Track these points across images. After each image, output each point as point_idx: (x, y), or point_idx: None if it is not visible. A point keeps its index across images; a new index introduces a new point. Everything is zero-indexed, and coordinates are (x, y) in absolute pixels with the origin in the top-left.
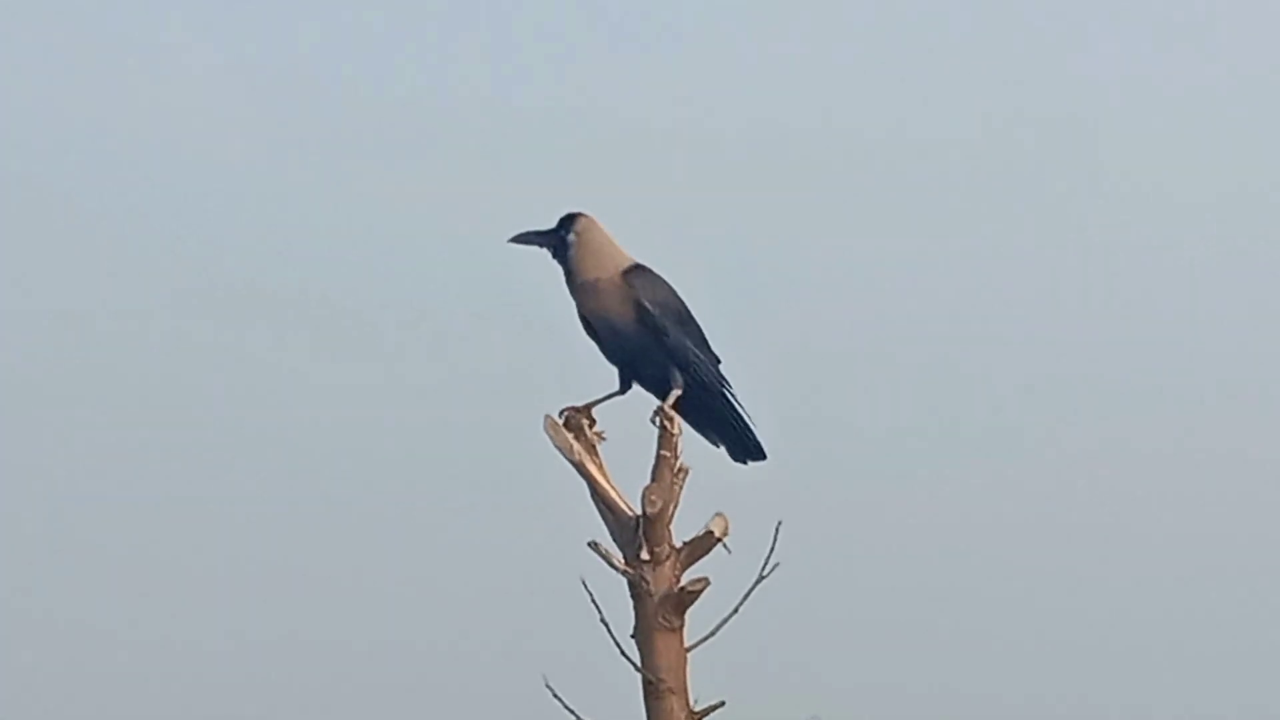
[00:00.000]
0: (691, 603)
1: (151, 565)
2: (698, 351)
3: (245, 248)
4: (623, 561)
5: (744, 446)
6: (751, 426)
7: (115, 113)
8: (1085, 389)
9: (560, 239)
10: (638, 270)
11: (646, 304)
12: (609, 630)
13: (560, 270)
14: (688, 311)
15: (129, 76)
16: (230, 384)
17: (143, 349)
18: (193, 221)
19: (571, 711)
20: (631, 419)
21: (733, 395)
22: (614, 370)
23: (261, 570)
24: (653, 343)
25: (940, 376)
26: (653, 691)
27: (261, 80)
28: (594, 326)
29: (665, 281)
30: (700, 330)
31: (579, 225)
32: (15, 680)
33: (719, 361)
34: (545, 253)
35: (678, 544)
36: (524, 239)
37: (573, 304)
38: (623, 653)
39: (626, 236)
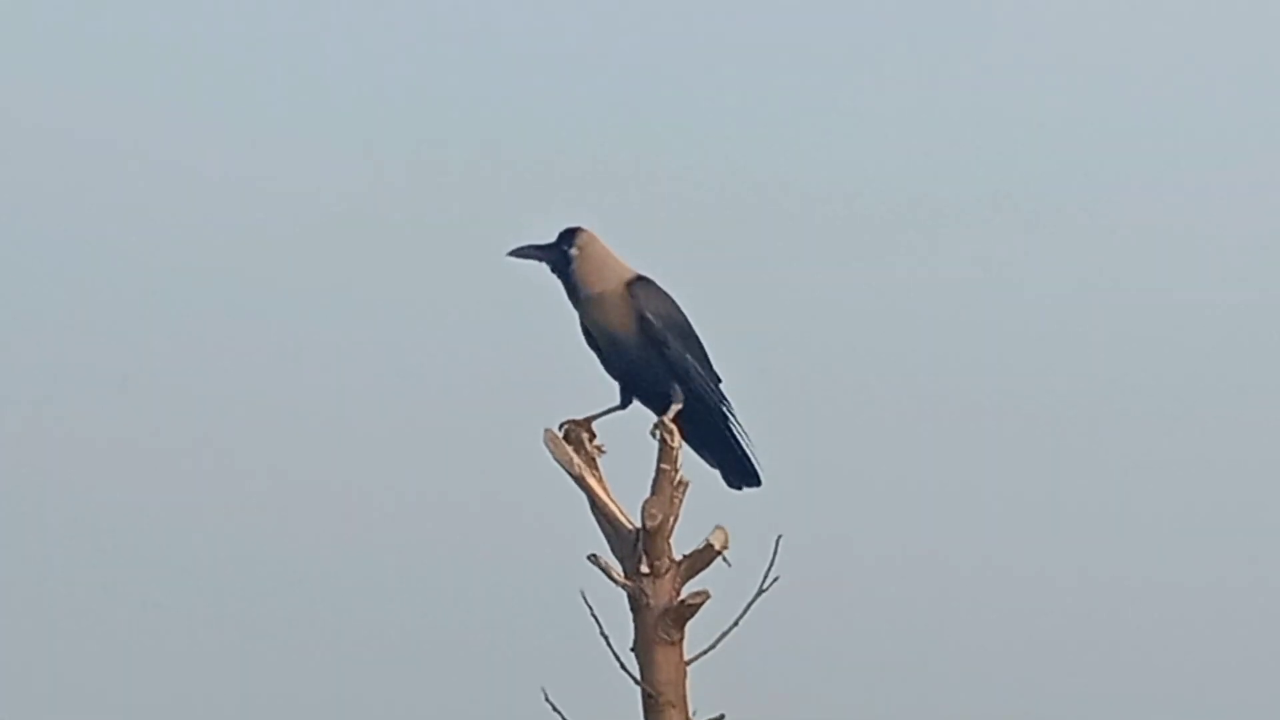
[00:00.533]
0: (691, 616)
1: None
2: (698, 367)
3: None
4: (622, 575)
5: (739, 470)
6: (749, 449)
7: None
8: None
9: (562, 253)
10: (640, 282)
11: (648, 315)
12: (609, 643)
13: (558, 284)
14: (690, 326)
15: None
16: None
17: None
18: None
19: None
20: (632, 433)
21: (731, 414)
22: (615, 384)
23: (263, 578)
24: (653, 355)
25: (943, 392)
26: (652, 705)
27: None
28: (595, 339)
29: (668, 295)
30: (702, 346)
31: (580, 239)
32: None
33: (719, 381)
34: (544, 265)
35: (678, 557)
36: (523, 253)
37: (575, 317)
38: (622, 666)
39: (632, 252)
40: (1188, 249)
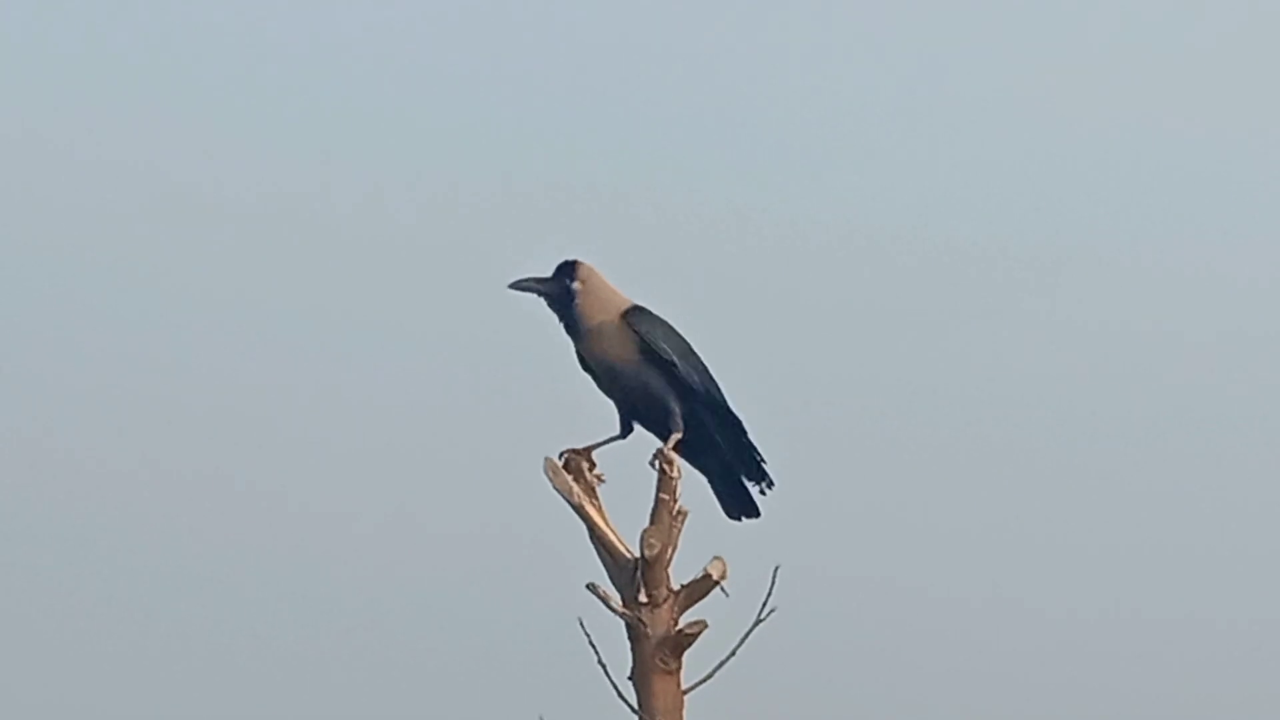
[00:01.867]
0: (689, 645)
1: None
2: (708, 384)
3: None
4: (621, 603)
5: (739, 500)
6: (760, 458)
7: None
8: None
9: (564, 287)
10: (637, 311)
11: (651, 341)
12: (606, 672)
13: (553, 315)
14: (689, 347)
15: None
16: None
17: None
18: None
19: None
20: (631, 462)
21: (743, 429)
22: (614, 413)
23: (261, 603)
24: (655, 382)
25: (945, 417)
26: None
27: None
28: (594, 370)
29: (664, 321)
30: (704, 365)
31: (581, 272)
32: None
33: (724, 397)
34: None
35: (676, 587)
36: (524, 286)
37: (570, 346)
38: (620, 694)
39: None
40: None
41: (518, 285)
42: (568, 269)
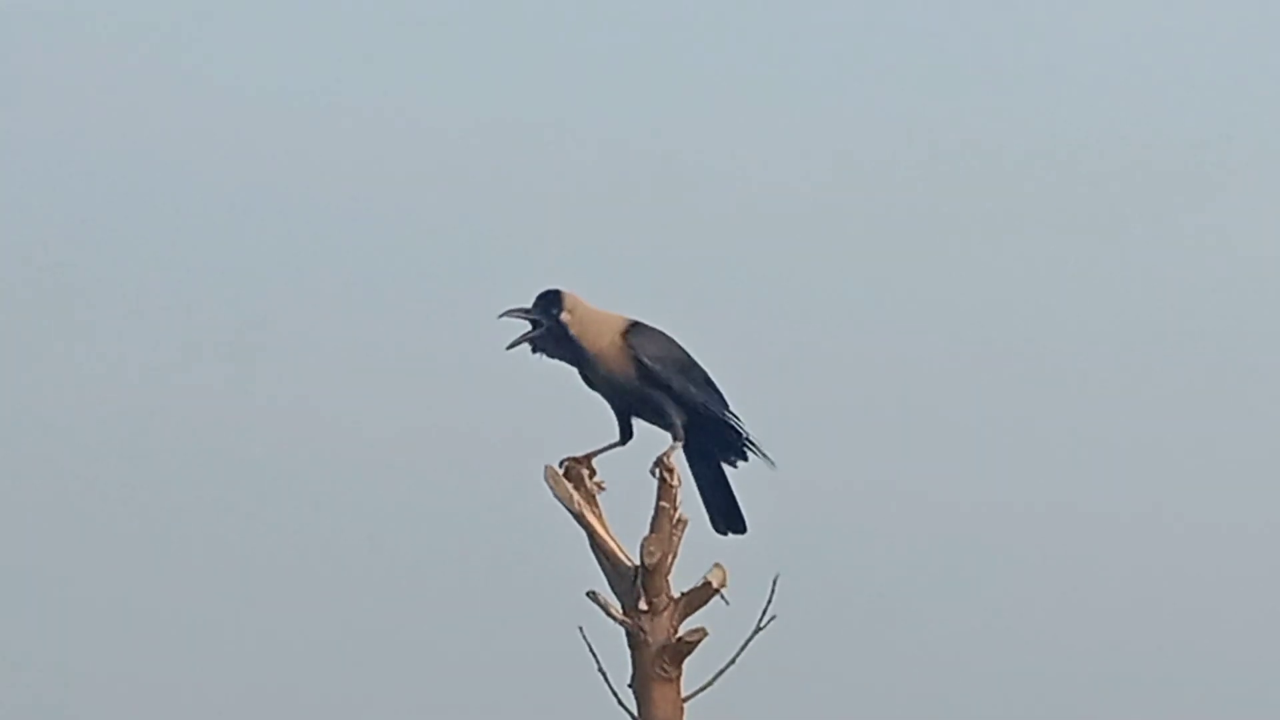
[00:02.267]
0: (689, 653)
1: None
2: (705, 396)
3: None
4: (621, 611)
5: (727, 514)
6: (759, 450)
7: None
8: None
9: (554, 319)
10: (635, 328)
11: (647, 361)
12: (606, 680)
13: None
14: (690, 358)
15: None
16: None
17: None
18: None
19: None
20: (631, 470)
21: (742, 428)
22: (614, 420)
23: (247, 622)
24: (657, 395)
25: (941, 427)
26: None
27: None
28: (598, 387)
29: (663, 334)
30: (706, 374)
31: (567, 303)
32: None
33: (726, 405)
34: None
35: (676, 594)
36: (515, 316)
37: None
38: (620, 702)
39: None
40: None
41: (511, 314)
42: (553, 300)
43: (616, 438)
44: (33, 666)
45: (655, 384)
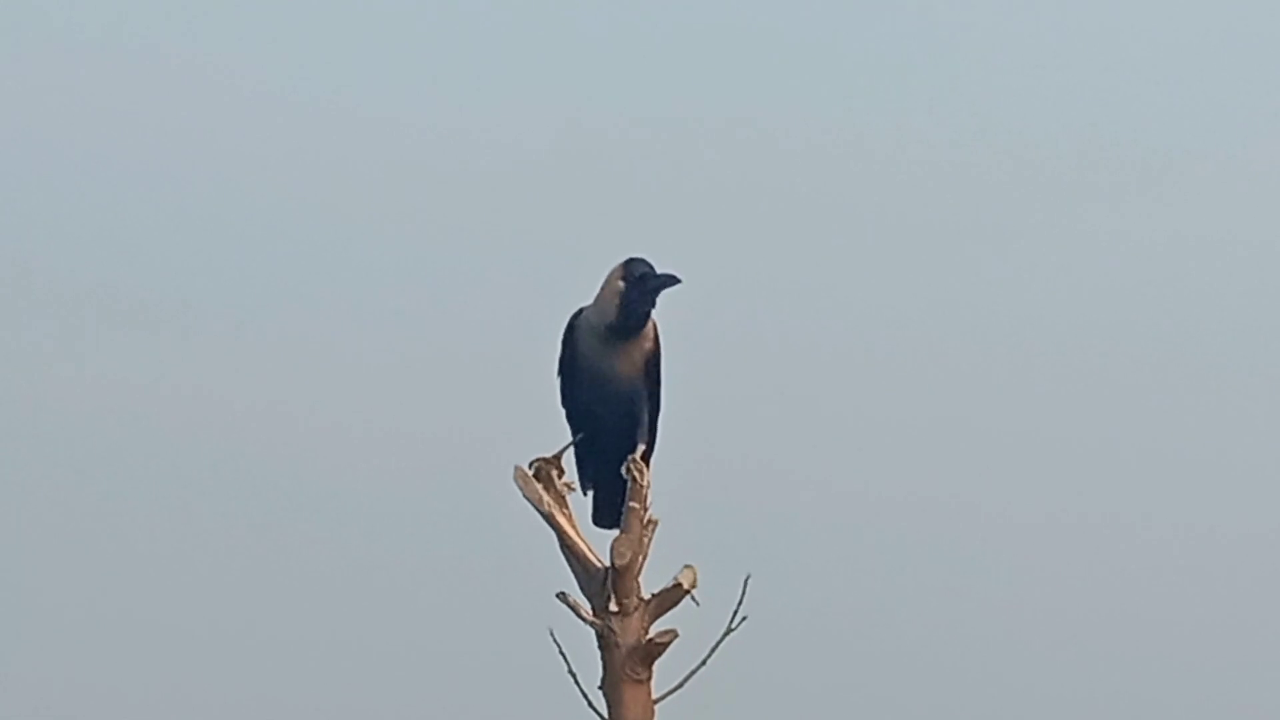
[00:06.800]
0: (659, 654)
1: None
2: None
3: None
4: (591, 613)
5: (613, 511)
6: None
7: None
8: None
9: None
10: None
11: (660, 350)
12: (577, 681)
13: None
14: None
15: None
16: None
17: None
18: None
19: None
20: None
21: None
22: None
23: (214, 626)
24: (640, 394)
25: (921, 430)
26: None
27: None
28: (582, 377)
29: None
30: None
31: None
32: None
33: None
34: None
35: (646, 596)
36: (669, 283)
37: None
38: (590, 704)
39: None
40: None
41: (672, 280)
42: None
43: (575, 434)
44: (32, 666)
45: (648, 378)
